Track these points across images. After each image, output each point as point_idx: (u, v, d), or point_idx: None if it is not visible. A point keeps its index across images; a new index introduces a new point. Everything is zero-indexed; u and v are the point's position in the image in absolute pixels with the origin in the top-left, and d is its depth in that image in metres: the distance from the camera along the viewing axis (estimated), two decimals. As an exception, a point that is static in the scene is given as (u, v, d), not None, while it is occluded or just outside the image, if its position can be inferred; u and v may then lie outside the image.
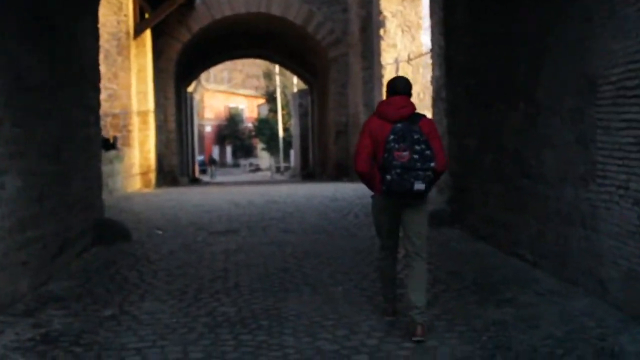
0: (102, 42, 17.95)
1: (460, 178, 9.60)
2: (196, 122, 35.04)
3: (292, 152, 42.19)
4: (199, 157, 58.54)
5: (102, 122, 18.18)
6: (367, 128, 5.24)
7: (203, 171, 48.67)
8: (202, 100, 66.60)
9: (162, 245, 9.05)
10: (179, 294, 6.46)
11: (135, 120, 18.44)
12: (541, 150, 6.77)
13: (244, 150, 72.02)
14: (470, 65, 9.00)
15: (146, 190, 18.35)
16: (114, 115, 17.82)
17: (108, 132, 17.66)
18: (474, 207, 8.92)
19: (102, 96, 18.31)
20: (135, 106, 18.43)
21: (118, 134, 17.75)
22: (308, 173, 28.40)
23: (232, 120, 71.97)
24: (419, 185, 4.88)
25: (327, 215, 11.42)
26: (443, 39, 10.50)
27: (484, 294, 6.08)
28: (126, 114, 17.90)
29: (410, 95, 5.33)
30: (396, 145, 4.89)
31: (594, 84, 5.66)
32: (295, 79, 46.58)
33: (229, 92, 73.60)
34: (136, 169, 18.35)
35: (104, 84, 18.29)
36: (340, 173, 21.40)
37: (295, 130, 34.71)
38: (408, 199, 5.05)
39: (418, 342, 4.84)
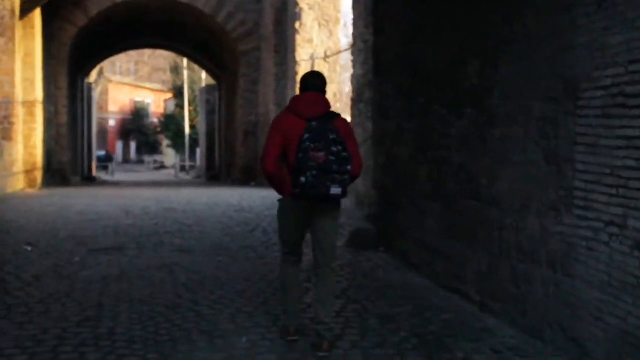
0: (-18, 21, 15.97)
1: (388, 192, 8.33)
2: (95, 115, 32.79)
3: (198, 151, 40.26)
4: (99, 153, 56.13)
5: (-20, 113, 16.22)
6: (279, 125, 4.78)
7: (105, 167, 46.34)
8: (105, 93, 64.24)
9: (28, 266, 7.40)
10: (33, 344, 4.89)
11: (19, 112, 16.44)
12: (495, 167, 5.52)
13: (149, 146, 69.87)
14: (405, 60, 7.72)
15: (30, 190, 16.40)
16: (-5, 106, 15.81)
17: (-13, 124, 15.69)
18: (405, 229, 7.64)
19: (-18, 83, 16.34)
20: (20, 95, 16.43)
21: (-1, 127, 15.77)
22: (214, 175, 26.77)
23: (138, 114, 69.79)
24: (336, 190, 4.53)
25: (231, 230, 9.94)
26: (372, 29, 9.21)
27: (429, 351, 4.77)
28: (9, 103, 15.88)
29: (324, 92, 4.93)
30: (312, 145, 4.51)
31: (576, 88, 4.43)
32: (204, 74, 44.76)
33: (135, 85, 71.14)
34: (19, 167, 16.35)
35: (-17, 69, 16.32)
36: (247, 177, 19.94)
37: (201, 127, 32.85)
38: (322, 203, 4.69)
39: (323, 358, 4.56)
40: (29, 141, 16.96)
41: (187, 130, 48.03)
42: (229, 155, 23.69)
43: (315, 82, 4.90)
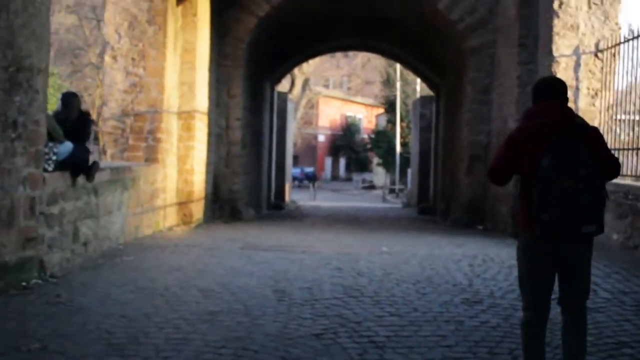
0: (127, 2, 12.09)
1: None
2: (291, 130, 28.83)
3: (409, 172, 35.43)
4: (307, 170, 53.43)
5: (121, 126, 12.35)
6: (512, 143, 4.09)
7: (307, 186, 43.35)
8: (314, 107, 62.57)
9: None
10: None
11: (171, 125, 12.38)
12: None
13: (358, 163, 67.30)
14: None
15: (180, 230, 12.26)
16: (138, 116, 11.82)
17: (127, 140, 11.79)
18: None
19: (124, 86, 12.41)
20: (172, 103, 12.39)
21: (142, 144, 11.78)
22: (426, 208, 21.68)
23: (348, 130, 67.39)
24: (589, 228, 3.82)
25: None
26: None
27: None
28: (155, 114, 11.86)
29: (566, 100, 4.15)
30: (555, 172, 3.79)
31: None
32: (418, 86, 40.22)
33: (346, 100, 68.67)
34: (168, 198, 12.28)
35: (126, 67, 12.46)
36: (472, 218, 14.68)
37: (414, 146, 27.85)
38: (572, 243, 3.91)
39: None
40: (185, 164, 12.86)
41: (397, 147, 43.77)
42: (447, 184, 18.53)
43: (554, 89, 4.16)
